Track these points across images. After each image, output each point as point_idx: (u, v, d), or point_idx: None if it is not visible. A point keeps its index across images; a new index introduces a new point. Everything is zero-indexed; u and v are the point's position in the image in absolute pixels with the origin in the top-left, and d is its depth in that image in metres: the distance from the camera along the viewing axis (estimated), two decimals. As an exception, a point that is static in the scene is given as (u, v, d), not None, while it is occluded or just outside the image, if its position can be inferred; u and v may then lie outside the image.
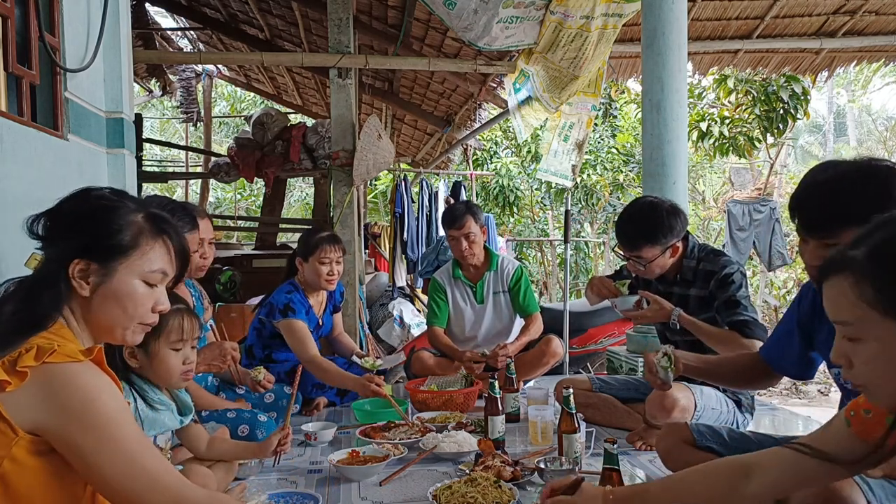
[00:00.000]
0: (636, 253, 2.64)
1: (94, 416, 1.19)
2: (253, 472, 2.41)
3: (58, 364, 1.18)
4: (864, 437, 1.25)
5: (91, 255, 1.32)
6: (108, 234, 1.34)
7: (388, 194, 10.74)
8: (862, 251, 1.11)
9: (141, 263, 1.37)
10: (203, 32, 8.81)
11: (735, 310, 2.55)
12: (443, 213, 3.82)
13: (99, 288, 1.33)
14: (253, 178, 6.80)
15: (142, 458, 1.24)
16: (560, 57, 5.05)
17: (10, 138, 2.29)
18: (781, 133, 9.12)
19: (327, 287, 3.37)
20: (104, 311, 1.35)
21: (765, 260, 8.71)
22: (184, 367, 1.90)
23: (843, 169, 1.66)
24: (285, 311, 3.22)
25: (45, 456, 1.19)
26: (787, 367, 2.05)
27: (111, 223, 1.35)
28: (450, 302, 3.80)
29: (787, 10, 5.59)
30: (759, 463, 1.38)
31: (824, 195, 1.64)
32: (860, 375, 1.15)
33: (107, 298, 1.34)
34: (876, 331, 1.10)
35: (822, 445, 1.30)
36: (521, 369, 3.43)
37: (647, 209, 2.68)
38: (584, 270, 12.84)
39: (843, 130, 24.39)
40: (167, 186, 17.28)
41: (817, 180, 1.68)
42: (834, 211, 1.61)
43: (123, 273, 1.35)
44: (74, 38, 2.89)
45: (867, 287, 1.09)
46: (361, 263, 6.69)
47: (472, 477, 2.12)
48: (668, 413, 2.45)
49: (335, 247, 3.33)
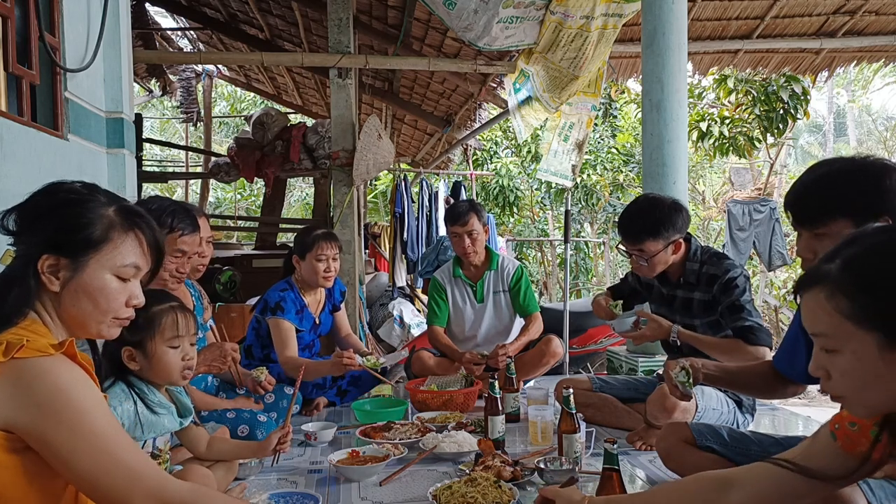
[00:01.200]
0: (638, 247, 2.64)
1: (67, 411, 1.17)
2: (253, 472, 2.41)
3: (27, 359, 1.16)
4: (849, 451, 1.25)
5: (61, 249, 1.30)
6: (77, 228, 1.31)
7: (388, 194, 10.74)
8: (837, 264, 1.13)
9: (112, 257, 1.35)
10: (203, 32, 8.81)
11: (739, 315, 2.54)
12: (446, 210, 3.83)
13: (69, 283, 1.31)
14: (253, 178, 6.81)
15: (119, 452, 1.22)
16: (560, 57, 5.04)
17: (10, 138, 2.29)
18: (781, 133, 9.13)
19: (325, 284, 3.38)
20: (76, 306, 1.32)
21: (765, 260, 8.71)
22: (183, 364, 1.90)
23: (837, 164, 1.70)
24: (275, 309, 3.25)
25: (21, 454, 1.18)
26: (799, 374, 2.02)
27: (80, 217, 1.32)
28: (450, 301, 3.80)
29: (787, 10, 5.59)
30: (741, 477, 1.37)
31: (816, 187, 1.69)
32: (837, 387, 1.16)
33: (78, 293, 1.31)
34: (852, 343, 1.11)
35: (807, 460, 1.29)
36: (521, 369, 3.43)
37: (649, 204, 2.70)
38: (584, 270, 12.84)
39: (843, 130, 24.40)
40: (167, 186, 17.28)
41: (811, 175, 1.72)
42: (824, 201, 1.65)
43: (94, 267, 1.33)
44: (74, 38, 2.89)
45: (842, 299, 1.11)
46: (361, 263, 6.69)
47: (472, 477, 2.12)
48: (669, 413, 2.45)
49: (331, 244, 3.33)
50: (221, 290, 5.71)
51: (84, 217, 1.32)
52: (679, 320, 2.75)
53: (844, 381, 1.14)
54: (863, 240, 1.15)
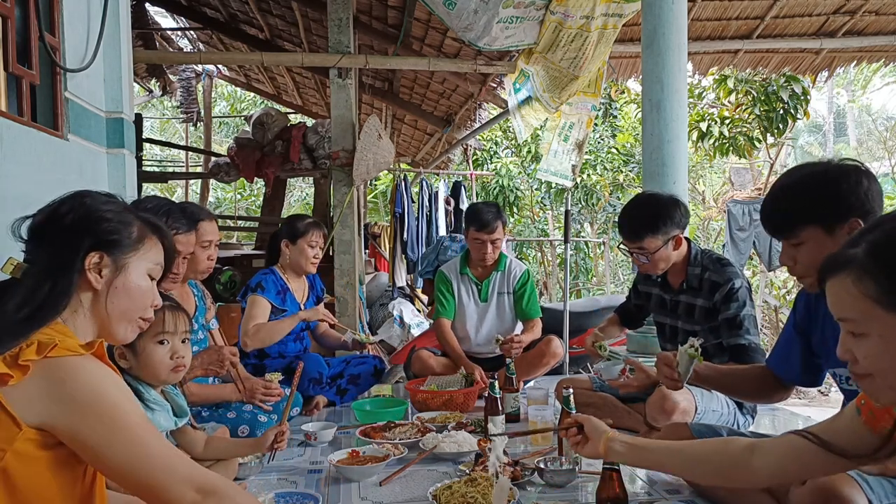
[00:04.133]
0: (639, 244, 2.63)
1: (101, 406, 1.20)
2: (253, 472, 2.41)
3: (60, 357, 1.19)
4: (872, 426, 1.27)
5: (106, 248, 1.37)
6: (121, 229, 1.40)
7: (388, 194, 10.74)
8: (862, 248, 1.14)
9: (148, 257, 1.44)
10: (203, 32, 8.80)
11: (737, 332, 2.53)
12: (468, 211, 3.79)
13: (113, 280, 1.37)
14: (253, 178, 6.80)
15: (154, 442, 1.26)
16: (560, 57, 5.05)
17: (10, 138, 2.29)
18: (781, 133, 9.12)
19: (310, 269, 3.49)
20: (114, 303, 1.38)
21: (765, 260, 8.71)
22: (172, 363, 1.88)
23: (797, 174, 1.75)
24: (255, 288, 3.32)
25: (52, 449, 1.20)
26: (793, 376, 2.03)
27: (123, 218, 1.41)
28: (455, 295, 3.81)
29: (787, 10, 5.59)
30: (767, 445, 1.42)
31: (781, 200, 1.75)
32: (865, 369, 1.17)
33: (119, 291, 1.38)
34: (879, 326, 1.12)
35: (830, 435, 1.32)
36: (522, 369, 3.43)
37: (648, 200, 2.72)
38: (584, 270, 12.84)
39: (843, 130, 24.39)
40: (167, 186, 17.27)
41: (777, 187, 1.77)
42: (789, 213, 1.71)
43: (134, 266, 1.41)
44: (74, 38, 2.89)
45: (869, 283, 1.12)
46: (361, 263, 6.69)
47: (472, 477, 2.12)
48: (669, 415, 2.44)
49: (321, 232, 3.51)
50: (221, 290, 5.72)
51: (126, 218, 1.42)
52: (681, 327, 2.74)
53: (871, 363, 1.15)
54: (887, 223, 1.17)
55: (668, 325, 2.83)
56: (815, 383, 2.07)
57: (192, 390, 2.63)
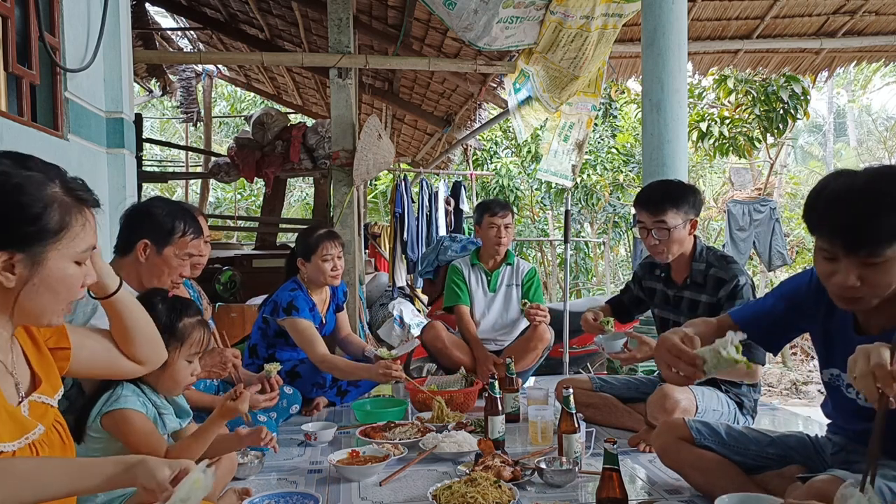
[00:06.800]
0: (660, 217, 2.63)
1: None
2: (253, 472, 2.41)
3: None
4: None
5: (14, 244, 1.17)
6: (30, 219, 1.18)
7: (388, 194, 10.73)
8: None
9: (73, 245, 1.24)
10: (203, 32, 8.80)
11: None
12: (480, 205, 3.97)
13: (29, 278, 1.19)
14: (253, 178, 6.80)
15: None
16: (560, 57, 5.05)
17: (10, 138, 2.29)
18: (781, 133, 9.12)
19: (333, 283, 3.39)
20: (33, 300, 1.21)
21: (765, 260, 8.71)
22: (190, 380, 1.92)
23: (867, 176, 1.53)
24: (289, 310, 3.23)
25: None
26: (753, 330, 1.92)
27: (31, 205, 1.18)
28: (467, 283, 3.90)
29: (787, 10, 5.59)
30: None
31: (866, 213, 1.48)
32: None
33: (38, 288, 1.20)
34: None
35: None
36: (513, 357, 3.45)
37: (670, 180, 2.84)
38: (584, 270, 12.85)
39: (843, 130, 24.39)
40: (167, 186, 17.27)
41: (858, 192, 1.51)
42: (878, 228, 1.47)
43: (55, 258, 1.21)
44: (74, 38, 2.89)
45: None
46: (361, 263, 6.69)
47: (472, 477, 2.12)
48: (669, 415, 2.44)
49: (335, 242, 3.34)
50: (221, 290, 5.71)
51: (35, 204, 1.18)
52: (684, 322, 2.74)
53: None
54: None
55: (671, 321, 2.82)
56: (770, 348, 2.04)
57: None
